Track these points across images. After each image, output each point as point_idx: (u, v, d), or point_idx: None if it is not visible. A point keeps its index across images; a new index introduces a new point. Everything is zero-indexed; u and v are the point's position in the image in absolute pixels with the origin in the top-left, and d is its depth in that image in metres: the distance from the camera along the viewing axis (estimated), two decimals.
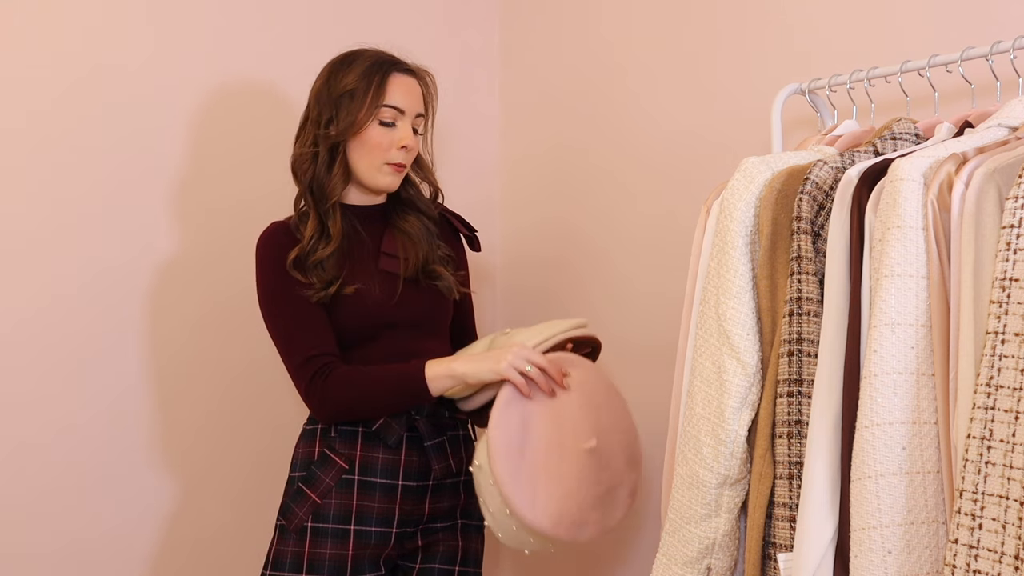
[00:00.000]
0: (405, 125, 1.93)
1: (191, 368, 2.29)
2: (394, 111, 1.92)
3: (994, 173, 1.26)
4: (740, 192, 1.52)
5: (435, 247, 2.00)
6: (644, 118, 2.31)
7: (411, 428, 1.92)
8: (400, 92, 1.93)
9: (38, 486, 2.13)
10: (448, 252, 2.04)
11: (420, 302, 1.96)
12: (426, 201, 2.05)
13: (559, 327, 1.93)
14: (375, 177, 1.94)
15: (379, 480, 1.89)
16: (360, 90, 1.91)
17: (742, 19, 2.11)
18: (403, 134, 1.92)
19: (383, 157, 1.92)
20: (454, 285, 1.99)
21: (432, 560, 1.95)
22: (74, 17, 2.17)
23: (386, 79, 1.92)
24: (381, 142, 1.91)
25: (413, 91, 1.95)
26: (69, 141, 2.16)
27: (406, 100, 1.93)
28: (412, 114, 1.94)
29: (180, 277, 2.28)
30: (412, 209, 2.03)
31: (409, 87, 1.95)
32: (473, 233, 2.10)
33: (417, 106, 1.95)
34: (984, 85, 1.54)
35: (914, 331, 1.28)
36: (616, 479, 1.88)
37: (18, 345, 2.11)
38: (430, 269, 1.97)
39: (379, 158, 1.92)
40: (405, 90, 1.94)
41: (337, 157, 1.93)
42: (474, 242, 2.11)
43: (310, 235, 1.91)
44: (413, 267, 1.96)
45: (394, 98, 1.92)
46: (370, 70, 1.92)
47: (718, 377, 1.49)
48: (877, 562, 1.27)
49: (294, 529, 1.88)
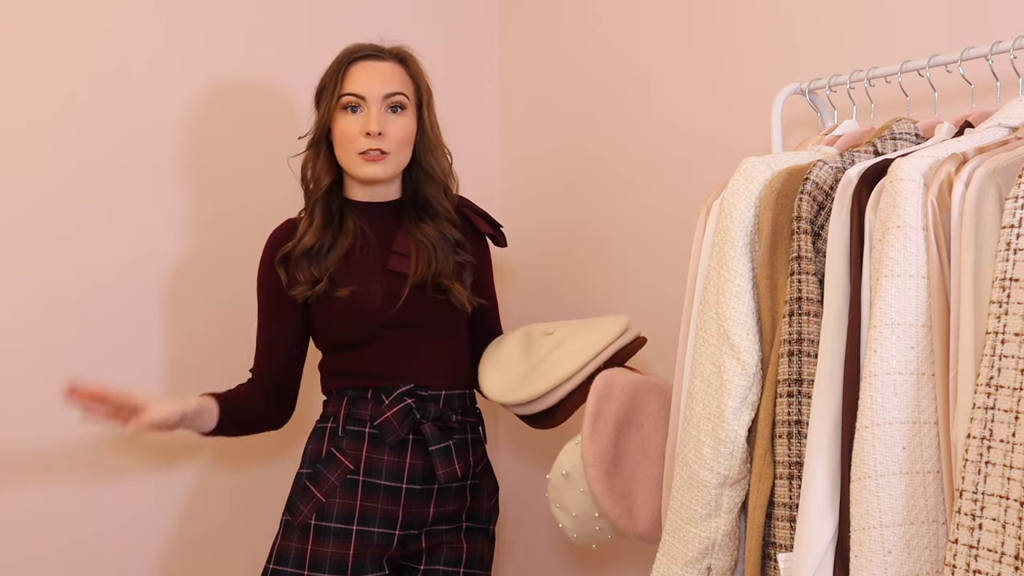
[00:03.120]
0: (369, 111, 1.90)
1: (195, 368, 2.29)
2: (353, 98, 1.91)
3: (994, 173, 1.26)
4: (740, 192, 1.51)
5: (449, 259, 1.96)
6: (644, 118, 2.31)
7: (416, 431, 1.91)
8: (358, 78, 1.91)
9: (41, 486, 2.13)
10: (466, 259, 2.00)
11: (427, 306, 1.94)
12: (444, 201, 2.00)
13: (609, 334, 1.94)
14: (353, 168, 1.94)
15: (383, 482, 1.89)
16: (328, 84, 1.93)
17: (742, 19, 2.11)
18: (366, 120, 1.90)
19: (354, 147, 1.91)
20: (466, 300, 1.95)
21: (436, 562, 1.94)
22: (78, 20, 2.17)
23: (348, 68, 1.92)
24: (348, 131, 1.91)
25: (376, 74, 1.92)
26: (73, 144, 2.16)
27: (366, 84, 1.91)
28: (377, 97, 1.91)
29: (186, 277, 2.28)
30: (428, 213, 1.98)
31: (371, 71, 1.92)
32: (498, 229, 2.07)
33: (382, 87, 1.91)
34: (984, 85, 1.54)
35: (914, 331, 1.28)
36: None
37: (22, 347, 2.12)
38: (439, 283, 1.94)
39: (351, 148, 1.91)
40: (365, 75, 1.92)
41: (321, 152, 1.95)
42: (499, 239, 2.08)
43: (302, 230, 1.93)
44: (421, 276, 1.93)
45: (351, 85, 1.91)
46: (336, 63, 1.94)
47: (718, 377, 1.49)
48: (877, 562, 1.27)
49: (299, 526, 1.88)
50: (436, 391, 1.93)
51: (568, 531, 1.88)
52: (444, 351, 1.95)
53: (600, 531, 1.86)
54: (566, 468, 1.84)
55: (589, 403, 1.82)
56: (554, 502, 1.88)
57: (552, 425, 1.95)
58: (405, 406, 1.89)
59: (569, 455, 1.85)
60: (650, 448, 1.84)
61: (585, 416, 1.81)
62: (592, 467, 1.78)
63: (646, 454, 1.84)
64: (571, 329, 1.98)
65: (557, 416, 1.92)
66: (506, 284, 2.66)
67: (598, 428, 1.80)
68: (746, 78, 2.09)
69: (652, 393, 1.88)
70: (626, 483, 1.81)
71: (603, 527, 1.85)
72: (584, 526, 1.86)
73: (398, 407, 1.89)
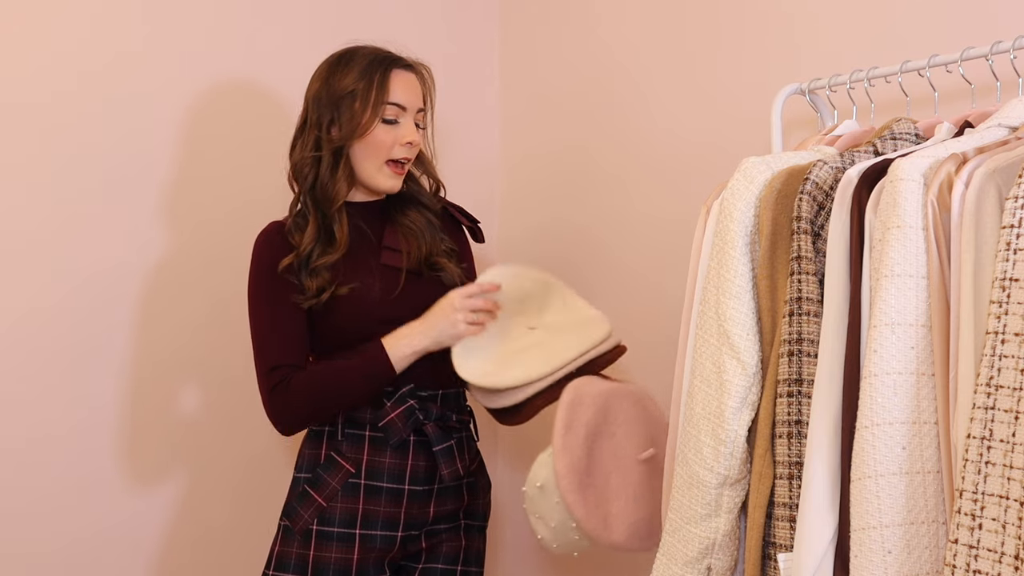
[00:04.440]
0: (408, 121, 1.92)
1: (189, 367, 2.29)
2: (397, 108, 1.91)
3: (994, 173, 1.26)
4: (740, 192, 1.51)
5: (438, 240, 1.99)
6: (644, 118, 2.31)
7: (418, 431, 1.91)
8: (401, 88, 1.92)
9: (39, 486, 2.13)
10: (451, 246, 2.02)
11: (424, 295, 1.93)
12: (427, 195, 2.04)
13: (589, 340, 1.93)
14: (376, 178, 1.93)
15: (385, 484, 1.89)
16: (361, 90, 1.88)
17: (742, 19, 2.11)
18: (406, 131, 1.92)
19: (386, 155, 1.91)
20: (457, 277, 1.97)
21: (435, 560, 1.95)
22: (69, 17, 2.16)
23: (387, 76, 1.90)
24: (385, 140, 1.90)
25: (413, 86, 1.94)
26: (62, 142, 2.16)
27: (408, 96, 1.92)
28: (414, 110, 1.93)
29: (177, 277, 2.28)
30: (413, 203, 2.01)
31: (409, 82, 1.94)
32: (476, 224, 2.09)
33: (418, 101, 1.94)
34: (984, 85, 1.54)
35: (914, 331, 1.28)
36: None
37: (14, 345, 2.11)
38: (433, 261, 1.96)
39: (382, 157, 1.91)
40: (406, 86, 1.93)
41: (341, 160, 1.91)
42: (477, 233, 2.09)
43: (309, 241, 1.89)
44: (415, 259, 1.94)
45: (396, 95, 1.91)
46: (369, 68, 1.90)
47: (718, 377, 1.49)
48: (877, 562, 1.27)
49: (299, 531, 1.87)
50: (434, 391, 1.94)
51: (548, 542, 1.88)
52: (439, 352, 1.95)
53: (579, 540, 1.85)
54: (540, 480, 1.84)
55: (559, 414, 1.82)
56: (532, 513, 1.88)
57: (518, 422, 1.94)
58: (408, 407, 1.89)
59: (542, 467, 1.85)
60: (623, 456, 1.84)
61: (555, 428, 1.81)
62: (564, 479, 1.78)
63: (619, 463, 1.84)
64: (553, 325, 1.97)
65: (523, 414, 1.92)
66: None
67: (569, 440, 1.80)
68: (746, 78, 2.09)
69: (625, 401, 1.87)
70: (600, 493, 1.81)
71: (582, 536, 1.84)
72: (563, 536, 1.85)
73: (401, 408, 1.89)
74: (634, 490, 1.84)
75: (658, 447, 1.89)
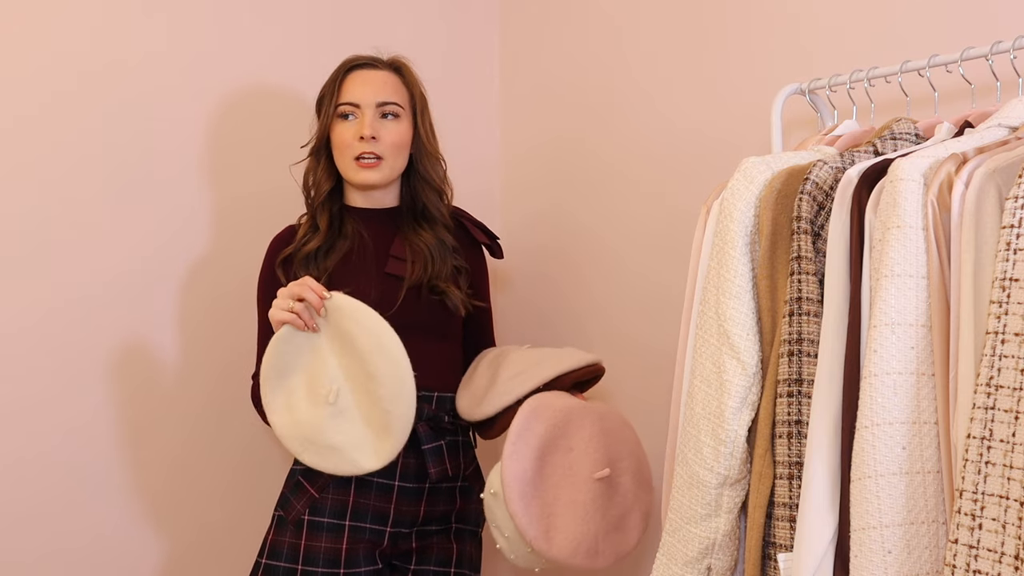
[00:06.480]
0: (363, 117, 1.97)
1: (186, 366, 2.29)
2: (348, 106, 1.98)
3: (994, 173, 1.26)
4: (740, 192, 1.51)
5: (445, 263, 2.01)
6: (644, 117, 2.31)
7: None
8: (353, 86, 1.99)
9: (38, 486, 2.13)
10: (460, 264, 2.04)
11: (422, 308, 1.97)
12: (442, 209, 2.05)
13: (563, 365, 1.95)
14: (350, 174, 2.00)
15: (376, 479, 1.91)
16: (326, 94, 2.01)
17: (742, 18, 2.11)
18: (360, 125, 1.96)
19: (350, 152, 1.97)
20: (460, 303, 1.99)
21: (427, 562, 1.97)
22: (80, 16, 2.17)
23: (344, 78, 2.00)
24: (344, 137, 1.98)
25: (370, 82, 1.99)
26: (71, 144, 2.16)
27: (360, 92, 1.98)
28: (371, 104, 1.97)
29: (179, 276, 2.28)
30: (425, 219, 2.03)
31: (365, 79, 1.99)
32: (495, 240, 2.11)
33: (376, 95, 1.98)
34: (984, 85, 1.54)
35: (914, 331, 1.28)
36: (628, 504, 1.90)
37: (20, 348, 2.11)
38: (434, 285, 1.98)
39: (348, 154, 1.98)
40: (360, 83, 1.99)
41: (322, 159, 2.01)
42: (496, 250, 2.12)
43: (303, 233, 1.98)
44: (418, 278, 1.97)
45: (347, 94, 1.99)
46: (334, 74, 2.02)
47: (718, 377, 1.49)
48: (877, 562, 1.27)
49: (292, 521, 1.91)
50: (429, 392, 1.95)
51: (506, 552, 1.88)
52: (438, 354, 1.97)
53: (532, 553, 1.84)
54: (494, 487, 1.85)
55: (514, 422, 1.83)
56: (491, 521, 1.88)
57: (492, 436, 1.97)
58: None
59: (496, 475, 1.86)
60: (577, 472, 1.84)
61: (508, 435, 1.82)
62: (509, 487, 1.79)
63: (572, 479, 1.83)
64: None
65: (495, 428, 1.94)
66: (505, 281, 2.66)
67: (519, 448, 1.80)
68: (746, 78, 2.09)
69: (588, 419, 1.87)
70: (545, 505, 1.81)
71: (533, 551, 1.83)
72: (517, 548, 1.85)
73: None
74: (584, 507, 1.83)
75: (619, 471, 1.90)
